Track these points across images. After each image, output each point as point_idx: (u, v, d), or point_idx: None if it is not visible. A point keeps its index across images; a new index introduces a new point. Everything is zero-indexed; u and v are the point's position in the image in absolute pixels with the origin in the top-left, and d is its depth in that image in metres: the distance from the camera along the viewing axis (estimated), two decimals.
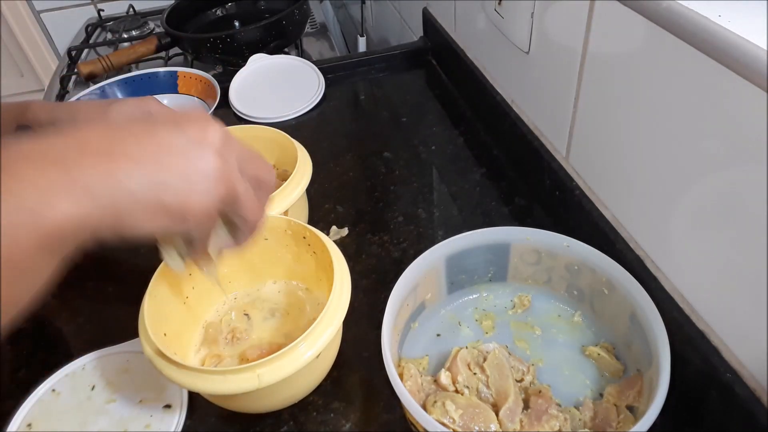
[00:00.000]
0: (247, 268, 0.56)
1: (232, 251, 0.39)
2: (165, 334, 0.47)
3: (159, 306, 0.47)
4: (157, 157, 0.31)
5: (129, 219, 0.31)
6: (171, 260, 0.39)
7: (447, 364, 0.48)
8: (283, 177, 0.65)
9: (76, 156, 0.30)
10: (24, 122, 0.61)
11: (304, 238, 0.53)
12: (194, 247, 0.38)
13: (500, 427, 0.44)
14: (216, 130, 0.34)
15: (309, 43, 1.25)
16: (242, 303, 0.56)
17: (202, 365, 0.50)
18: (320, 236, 0.50)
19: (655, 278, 0.48)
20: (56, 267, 0.30)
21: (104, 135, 0.31)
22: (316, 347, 0.43)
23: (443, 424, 0.42)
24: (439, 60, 0.99)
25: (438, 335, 0.53)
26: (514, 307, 0.55)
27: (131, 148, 0.31)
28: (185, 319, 0.52)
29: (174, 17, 1.09)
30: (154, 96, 0.89)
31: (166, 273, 0.49)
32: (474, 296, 0.56)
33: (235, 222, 0.38)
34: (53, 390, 0.51)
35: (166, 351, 0.42)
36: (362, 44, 1.34)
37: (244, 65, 0.96)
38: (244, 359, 0.51)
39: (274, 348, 0.50)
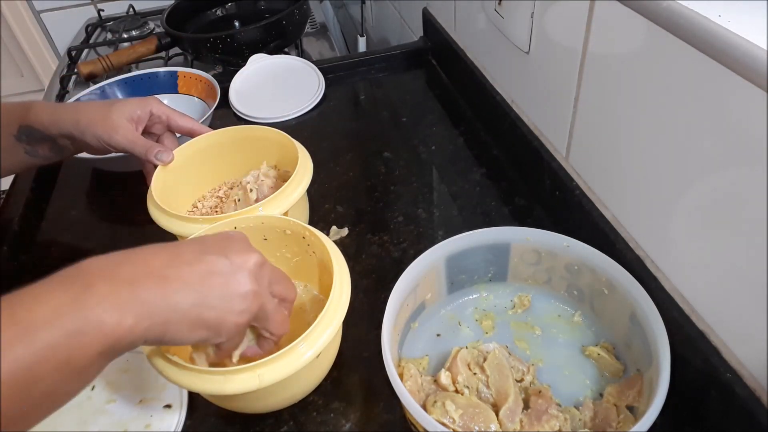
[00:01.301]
0: None
1: (256, 357, 0.43)
2: None
3: None
4: (203, 280, 0.37)
5: (174, 331, 0.36)
6: (200, 362, 0.43)
7: (447, 364, 0.48)
8: (284, 177, 0.65)
9: (140, 278, 0.35)
10: (27, 123, 0.61)
11: (304, 238, 0.53)
12: (221, 354, 0.42)
13: (500, 427, 0.44)
14: (254, 256, 0.40)
15: (309, 43, 1.25)
16: None
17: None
18: (320, 236, 0.50)
19: (655, 278, 0.48)
20: (101, 370, 0.35)
21: (165, 260, 0.37)
22: (316, 347, 0.43)
23: (443, 424, 0.42)
24: (439, 60, 0.99)
25: (438, 335, 0.53)
26: (514, 307, 0.55)
27: (184, 272, 0.37)
28: None
29: (174, 17, 1.09)
30: (155, 96, 0.90)
31: None
32: (474, 296, 0.56)
33: (262, 333, 0.43)
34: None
35: (166, 351, 0.42)
36: (362, 44, 1.34)
37: (244, 65, 0.96)
38: (244, 359, 0.51)
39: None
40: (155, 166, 0.62)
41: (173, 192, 0.64)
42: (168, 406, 0.50)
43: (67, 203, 0.78)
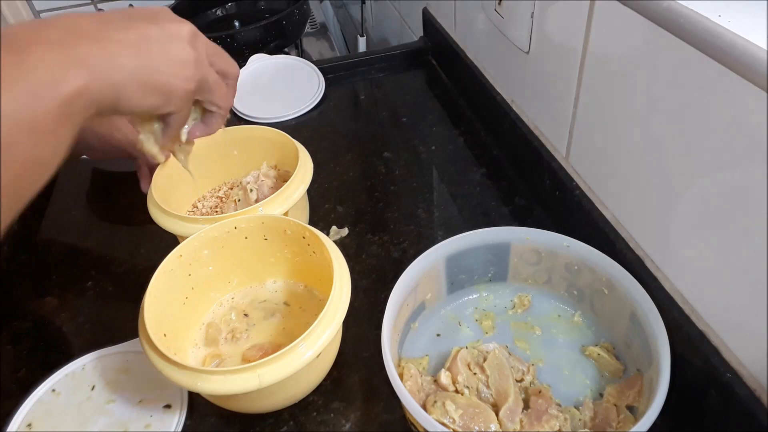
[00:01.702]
0: (247, 268, 0.56)
1: (203, 135, 0.44)
2: (165, 335, 0.47)
3: (158, 306, 0.47)
4: (141, 43, 0.36)
5: (125, 95, 0.35)
6: (148, 144, 0.42)
7: (447, 364, 0.48)
8: (284, 178, 0.65)
9: (72, 39, 0.33)
10: None
11: (304, 238, 0.53)
12: (170, 131, 0.42)
13: (500, 427, 0.44)
14: (187, 25, 0.39)
15: (309, 43, 1.25)
16: (242, 303, 0.56)
17: (203, 365, 0.51)
18: (320, 236, 0.50)
19: (655, 278, 0.48)
20: (73, 137, 0.33)
21: (93, 23, 0.35)
22: (317, 347, 0.43)
23: (443, 424, 0.42)
24: (439, 60, 0.99)
25: (438, 335, 0.53)
26: (514, 307, 0.55)
27: (118, 34, 0.35)
28: (185, 320, 0.52)
29: None
30: None
31: (166, 273, 0.49)
32: (474, 296, 0.56)
33: (207, 107, 0.43)
34: (53, 390, 0.51)
35: (166, 351, 0.42)
36: (362, 44, 1.34)
37: (244, 65, 0.96)
38: (244, 359, 0.51)
39: (274, 348, 0.50)
40: (150, 170, 0.62)
41: (173, 192, 0.64)
42: (168, 406, 0.50)
43: (67, 203, 0.78)
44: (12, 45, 0.31)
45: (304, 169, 0.60)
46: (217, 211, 0.66)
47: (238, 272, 0.56)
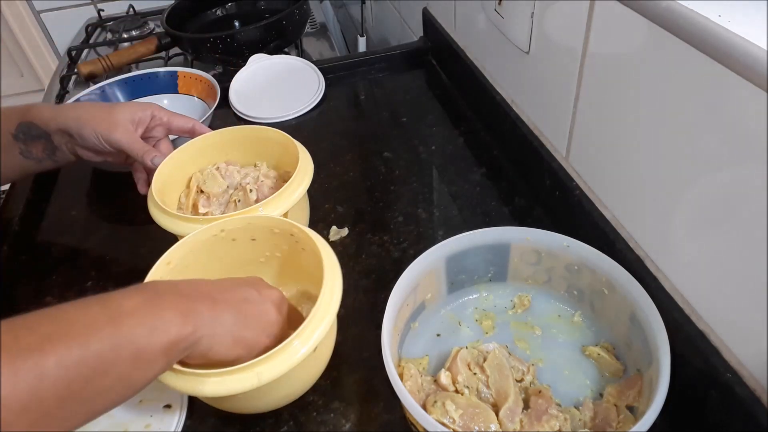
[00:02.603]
0: (238, 271, 0.55)
1: None
2: None
3: None
4: (241, 305, 0.44)
5: (217, 346, 0.42)
6: None
7: (447, 364, 0.48)
8: (285, 178, 0.65)
9: (196, 296, 0.42)
10: (27, 119, 0.61)
11: (292, 235, 0.52)
12: None
13: (500, 427, 0.44)
14: (276, 292, 0.48)
15: (309, 43, 1.25)
16: None
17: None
18: (308, 233, 0.50)
19: (655, 278, 0.48)
20: (164, 371, 0.40)
21: (210, 286, 0.44)
22: (313, 340, 0.43)
23: (443, 424, 0.42)
24: (439, 60, 0.99)
25: (438, 335, 0.53)
26: (514, 307, 0.55)
27: (227, 296, 0.44)
28: None
29: (174, 17, 1.09)
30: (154, 96, 0.90)
31: (157, 278, 0.48)
32: (474, 296, 0.56)
33: None
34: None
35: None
36: (362, 44, 1.34)
37: (244, 65, 0.96)
38: None
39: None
40: (147, 173, 0.62)
41: (174, 191, 0.64)
42: (168, 407, 0.50)
43: (67, 203, 0.78)
44: (154, 290, 0.41)
45: (305, 169, 0.60)
46: (223, 212, 0.66)
47: (228, 275, 0.55)
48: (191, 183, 0.65)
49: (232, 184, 0.65)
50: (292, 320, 0.50)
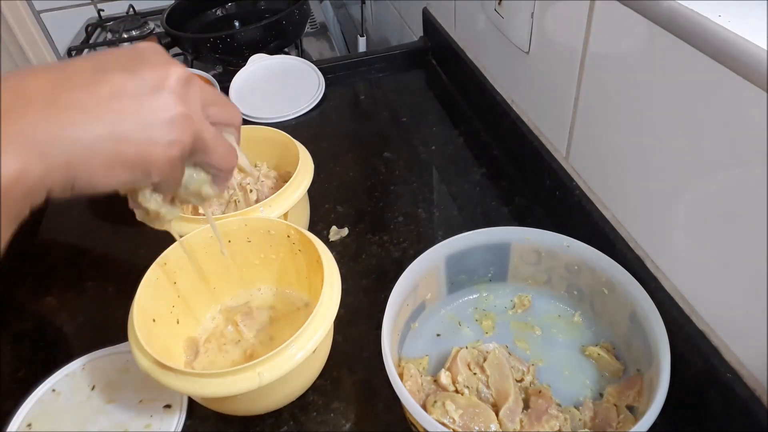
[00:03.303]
0: (232, 272, 0.56)
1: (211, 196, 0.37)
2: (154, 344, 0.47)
3: (147, 316, 0.47)
4: (110, 104, 0.29)
5: (85, 175, 0.28)
6: (150, 203, 0.35)
7: (447, 364, 0.48)
8: (285, 178, 0.65)
9: (21, 105, 0.27)
10: None
11: (288, 237, 0.52)
12: (165, 197, 0.36)
13: (500, 427, 0.44)
14: (176, 71, 0.31)
15: (309, 43, 1.25)
16: (231, 310, 0.56)
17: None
18: (305, 234, 0.50)
19: (655, 278, 0.48)
20: (12, 227, 0.28)
21: (48, 82, 0.28)
22: (315, 339, 0.43)
23: (443, 424, 0.42)
24: (439, 60, 0.99)
25: (438, 335, 0.53)
26: (514, 307, 0.55)
27: (80, 95, 0.28)
28: (172, 330, 0.51)
29: (174, 17, 1.09)
30: None
31: (152, 283, 0.48)
32: (474, 296, 0.56)
33: (206, 170, 0.36)
34: (53, 390, 0.51)
35: (160, 358, 0.42)
36: (362, 44, 1.34)
37: (244, 65, 0.96)
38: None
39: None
40: None
41: None
42: (168, 407, 0.50)
43: (67, 203, 0.78)
44: None
45: (305, 169, 0.59)
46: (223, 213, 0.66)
47: (223, 277, 0.55)
48: None
49: (233, 184, 0.64)
50: (216, 100, 0.35)
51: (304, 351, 0.42)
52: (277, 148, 0.65)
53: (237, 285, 0.57)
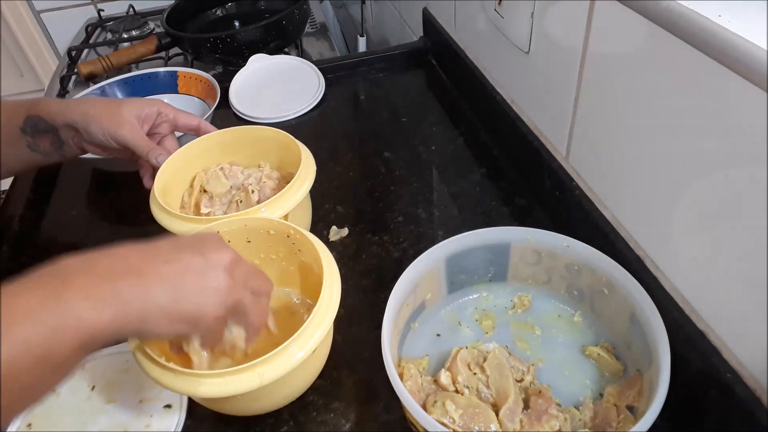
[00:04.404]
0: None
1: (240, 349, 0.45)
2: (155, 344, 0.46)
3: None
4: (180, 275, 0.38)
5: (152, 325, 0.37)
6: (193, 351, 0.43)
7: (447, 364, 0.48)
8: (288, 179, 0.65)
9: (118, 274, 0.36)
10: (35, 113, 0.61)
11: (288, 236, 0.52)
12: (206, 346, 0.43)
13: (500, 427, 0.44)
14: (228, 253, 0.41)
15: (309, 43, 1.25)
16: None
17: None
18: (305, 234, 0.50)
19: (655, 278, 0.48)
20: (78, 364, 0.35)
21: (141, 257, 0.38)
22: (315, 339, 0.43)
23: (443, 424, 0.42)
24: (439, 60, 0.99)
25: (438, 335, 0.53)
26: (514, 307, 0.55)
27: (160, 268, 0.37)
28: None
29: (174, 17, 1.09)
30: (154, 96, 0.90)
31: None
32: (474, 296, 0.56)
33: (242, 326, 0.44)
34: (53, 390, 0.51)
35: (160, 360, 0.42)
36: (362, 44, 1.34)
37: (244, 65, 0.96)
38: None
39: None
40: (153, 168, 0.62)
41: (177, 190, 0.64)
42: (168, 406, 0.50)
43: (67, 203, 0.78)
44: (61, 273, 0.35)
45: (307, 169, 0.59)
46: (225, 213, 0.66)
47: None
48: (195, 182, 0.66)
49: (236, 184, 0.65)
50: (255, 275, 0.45)
51: (304, 351, 0.42)
52: (280, 148, 0.65)
53: None
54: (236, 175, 0.65)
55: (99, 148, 0.64)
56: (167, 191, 0.60)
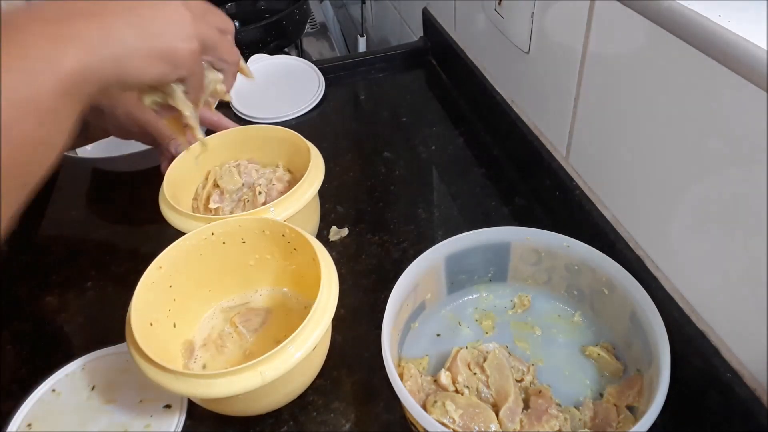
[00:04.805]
0: (229, 274, 0.55)
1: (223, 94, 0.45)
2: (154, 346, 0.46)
3: (144, 320, 0.47)
4: (138, 12, 0.36)
5: (129, 67, 0.35)
6: (181, 102, 0.42)
7: (447, 364, 0.48)
8: (297, 179, 0.65)
9: (67, 16, 0.33)
10: None
11: (283, 236, 0.52)
12: (191, 97, 0.42)
13: (500, 427, 0.44)
14: None
15: (309, 43, 1.25)
16: (229, 311, 0.56)
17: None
18: (302, 233, 0.50)
19: (655, 278, 0.48)
20: (77, 116, 0.33)
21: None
22: (314, 337, 0.43)
23: (443, 424, 0.42)
24: (439, 60, 0.99)
25: (438, 335, 0.53)
26: (514, 307, 0.55)
27: (113, 6, 0.35)
28: (169, 333, 0.51)
29: None
30: None
31: (147, 287, 0.48)
32: (474, 296, 0.56)
33: (217, 64, 0.43)
34: (53, 390, 0.51)
35: (160, 362, 0.42)
36: (362, 44, 1.34)
37: None
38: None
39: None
40: (172, 156, 0.63)
41: (189, 184, 0.64)
42: (168, 407, 0.50)
43: (67, 203, 0.78)
44: (9, 24, 0.31)
45: (316, 170, 0.59)
46: (232, 211, 0.66)
47: (220, 279, 0.55)
48: (209, 176, 0.66)
49: (248, 182, 0.65)
50: (211, 9, 0.44)
51: (303, 350, 0.42)
52: (288, 148, 0.65)
53: (234, 286, 0.57)
54: (250, 173, 0.65)
55: (122, 131, 0.64)
56: (179, 182, 0.61)
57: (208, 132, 0.68)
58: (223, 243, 0.53)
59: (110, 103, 0.61)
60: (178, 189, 0.61)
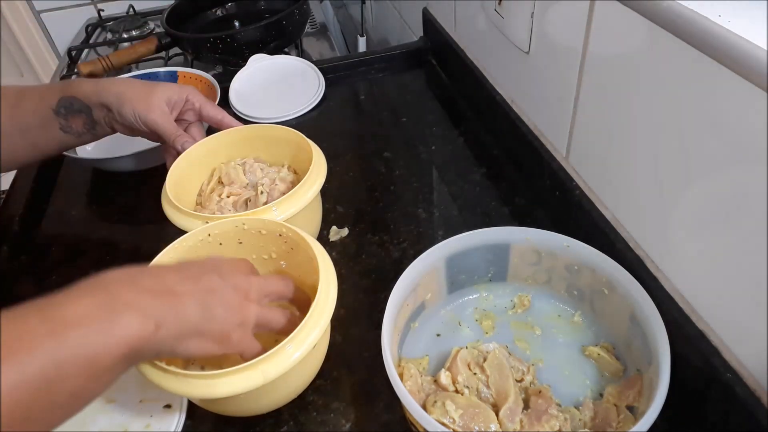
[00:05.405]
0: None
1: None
2: None
3: None
4: (205, 295, 0.41)
5: (185, 342, 0.39)
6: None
7: (447, 364, 0.48)
8: (301, 178, 0.65)
9: (159, 291, 0.39)
10: (69, 93, 0.62)
11: (280, 236, 0.52)
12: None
13: (500, 427, 0.44)
14: (238, 276, 0.44)
15: (309, 43, 1.25)
16: None
17: None
18: (298, 232, 0.50)
19: (655, 278, 0.48)
20: (118, 375, 0.37)
21: (174, 277, 0.41)
22: (314, 336, 0.43)
23: (443, 424, 0.42)
24: (439, 60, 0.99)
25: (438, 335, 0.53)
26: (514, 307, 0.55)
27: (189, 287, 0.40)
28: None
29: (174, 17, 1.09)
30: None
31: None
32: (474, 296, 0.56)
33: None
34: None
35: (160, 362, 0.42)
36: (362, 44, 1.34)
37: (244, 65, 0.96)
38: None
39: None
40: (177, 154, 0.63)
41: (189, 185, 0.64)
42: (168, 406, 0.50)
43: (67, 203, 0.78)
44: (109, 286, 0.37)
45: (318, 170, 0.59)
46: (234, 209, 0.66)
47: None
48: (215, 173, 0.66)
49: (252, 181, 0.65)
50: (270, 282, 0.48)
51: (302, 349, 0.42)
52: (291, 147, 0.65)
53: None
54: (255, 172, 0.65)
55: (128, 129, 0.65)
56: (182, 180, 0.61)
57: (212, 130, 0.68)
58: (220, 244, 0.53)
59: (118, 101, 0.62)
60: (180, 187, 0.61)
